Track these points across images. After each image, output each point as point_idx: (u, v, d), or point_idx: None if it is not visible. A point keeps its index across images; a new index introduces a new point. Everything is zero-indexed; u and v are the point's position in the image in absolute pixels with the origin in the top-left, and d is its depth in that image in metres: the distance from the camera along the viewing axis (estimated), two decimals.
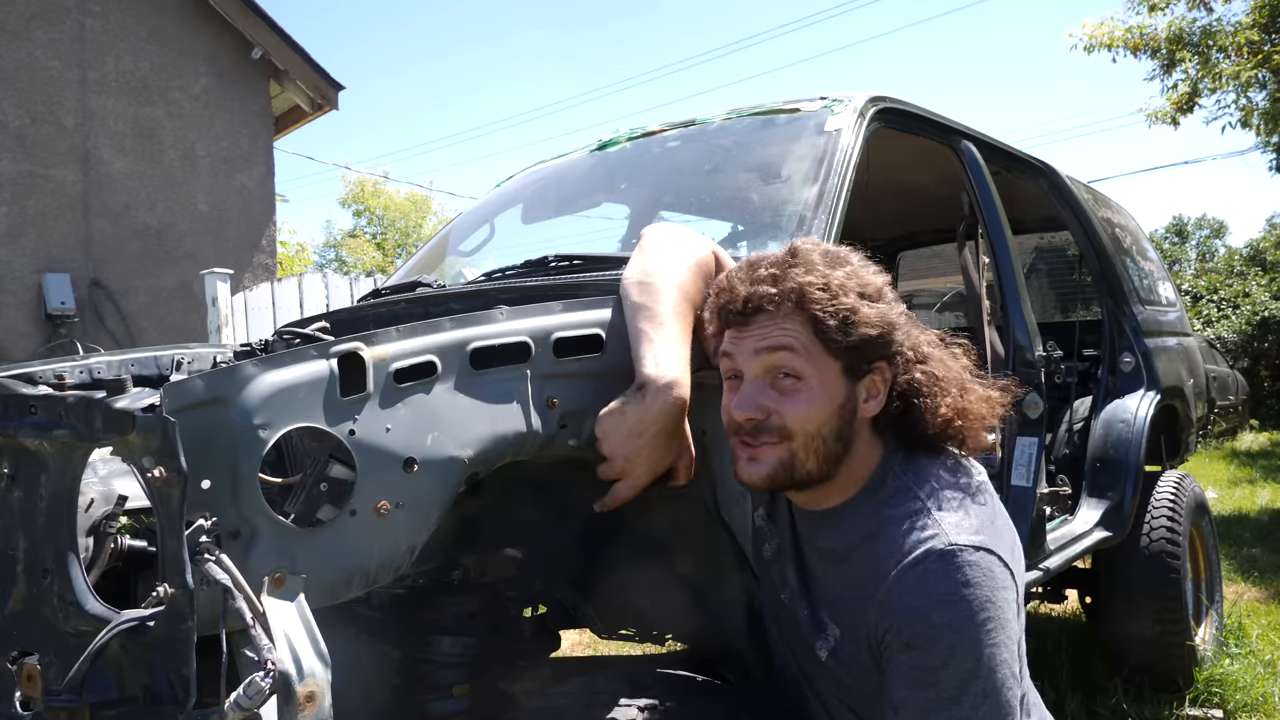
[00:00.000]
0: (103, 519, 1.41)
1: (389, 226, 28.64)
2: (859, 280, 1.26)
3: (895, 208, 3.68)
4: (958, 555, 1.15)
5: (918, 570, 1.16)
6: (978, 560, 1.16)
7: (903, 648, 1.16)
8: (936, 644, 1.14)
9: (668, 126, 2.48)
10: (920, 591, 1.15)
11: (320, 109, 8.63)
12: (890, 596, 1.17)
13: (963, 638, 1.13)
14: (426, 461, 1.14)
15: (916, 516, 1.21)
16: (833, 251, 1.30)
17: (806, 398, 1.23)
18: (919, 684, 1.15)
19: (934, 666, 1.14)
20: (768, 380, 1.24)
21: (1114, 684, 2.93)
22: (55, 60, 7.03)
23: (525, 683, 1.65)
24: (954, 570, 1.15)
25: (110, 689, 1.02)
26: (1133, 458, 2.82)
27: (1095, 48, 8.11)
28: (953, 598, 1.14)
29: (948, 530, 1.18)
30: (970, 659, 1.13)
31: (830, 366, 1.24)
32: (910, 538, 1.19)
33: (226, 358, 1.91)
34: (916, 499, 1.23)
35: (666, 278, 1.43)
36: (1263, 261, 16.46)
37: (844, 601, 1.28)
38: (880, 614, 1.18)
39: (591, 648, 3.48)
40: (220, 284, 6.40)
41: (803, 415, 1.23)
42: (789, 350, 1.23)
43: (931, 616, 1.14)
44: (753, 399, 1.25)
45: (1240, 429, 11.57)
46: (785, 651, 1.43)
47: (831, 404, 1.24)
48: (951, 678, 1.13)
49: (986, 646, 1.14)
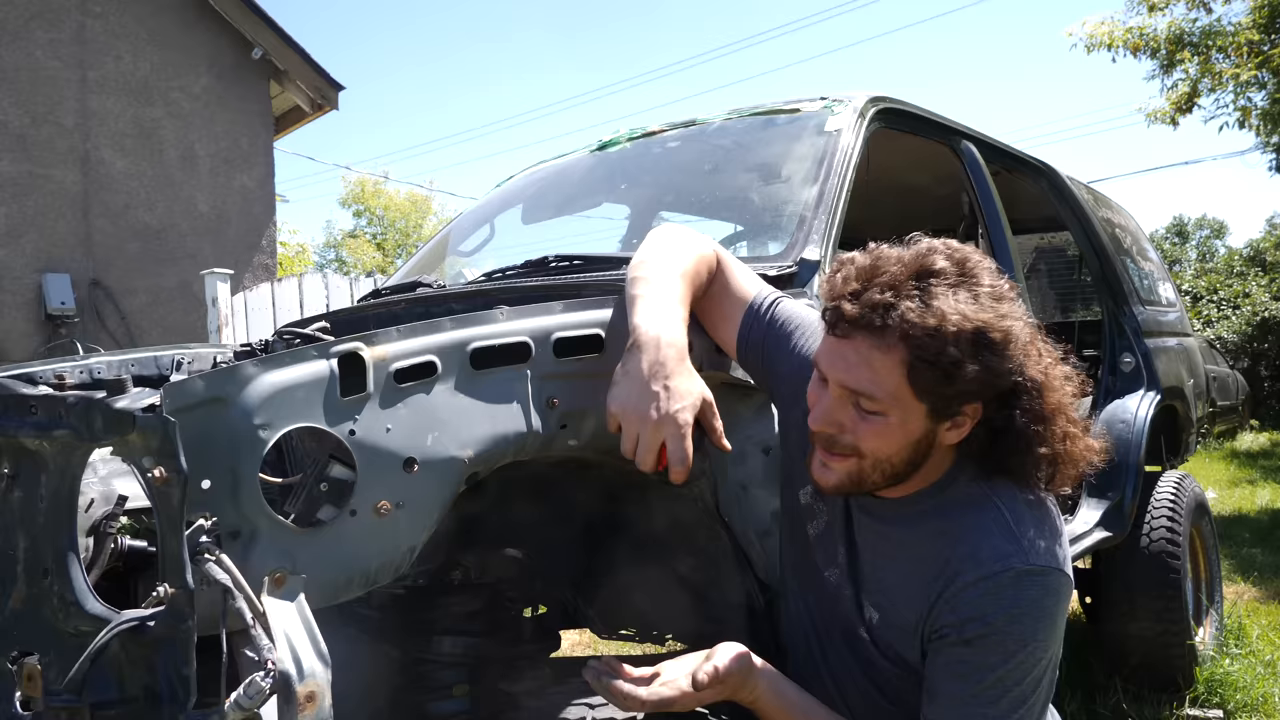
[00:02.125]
0: (103, 519, 1.41)
1: (389, 227, 28.65)
2: (978, 324, 1.13)
3: (895, 208, 3.67)
4: (1036, 576, 1.19)
5: (996, 581, 1.19)
6: (1049, 582, 1.20)
7: (960, 643, 1.20)
8: (995, 647, 1.18)
9: (668, 126, 2.48)
10: (994, 600, 1.18)
11: (320, 109, 8.64)
12: (961, 597, 1.20)
13: (1020, 648, 1.18)
14: (427, 461, 1.14)
15: (996, 527, 1.22)
16: (967, 270, 1.17)
17: (883, 430, 1.19)
18: (964, 678, 1.20)
19: (985, 666, 1.19)
20: (850, 399, 1.21)
21: (1114, 684, 2.93)
22: (55, 60, 7.03)
23: (525, 683, 1.65)
24: (1028, 588, 1.19)
25: (110, 689, 1.02)
26: (1133, 458, 2.82)
27: (1095, 47, 8.10)
28: (1023, 612, 1.18)
29: (1028, 549, 1.20)
30: (1020, 668, 1.19)
31: (914, 409, 1.18)
32: (991, 549, 1.20)
33: (226, 358, 1.91)
34: (995, 509, 1.23)
35: (665, 260, 1.42)
36: (1263, 262, 16.45)
37: (893, 589, 1.30)
38: (943, 610, 1.22)
39: (591, 648, 3.48)
40: (220, 284, 6.40)
41: (876, 443, 1.20)
42: (872, 398, 1.18)
43: (997, 623, 1.18)
44: (830, 415, 1.22)
45: (1240, 429, 11.57)
46: (811, 631, 1.44)
47: (908, 439, 1.21)
48: (998, 680, 1.18)
49: (1037, 660, 1.19)
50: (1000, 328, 1.14)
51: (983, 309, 1.14)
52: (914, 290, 1.14)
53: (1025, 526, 1.22)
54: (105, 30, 7.30)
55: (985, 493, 1.25)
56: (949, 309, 1.12)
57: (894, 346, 1.14)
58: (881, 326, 1.14)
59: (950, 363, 1.12)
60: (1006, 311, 1.17)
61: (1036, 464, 1.22)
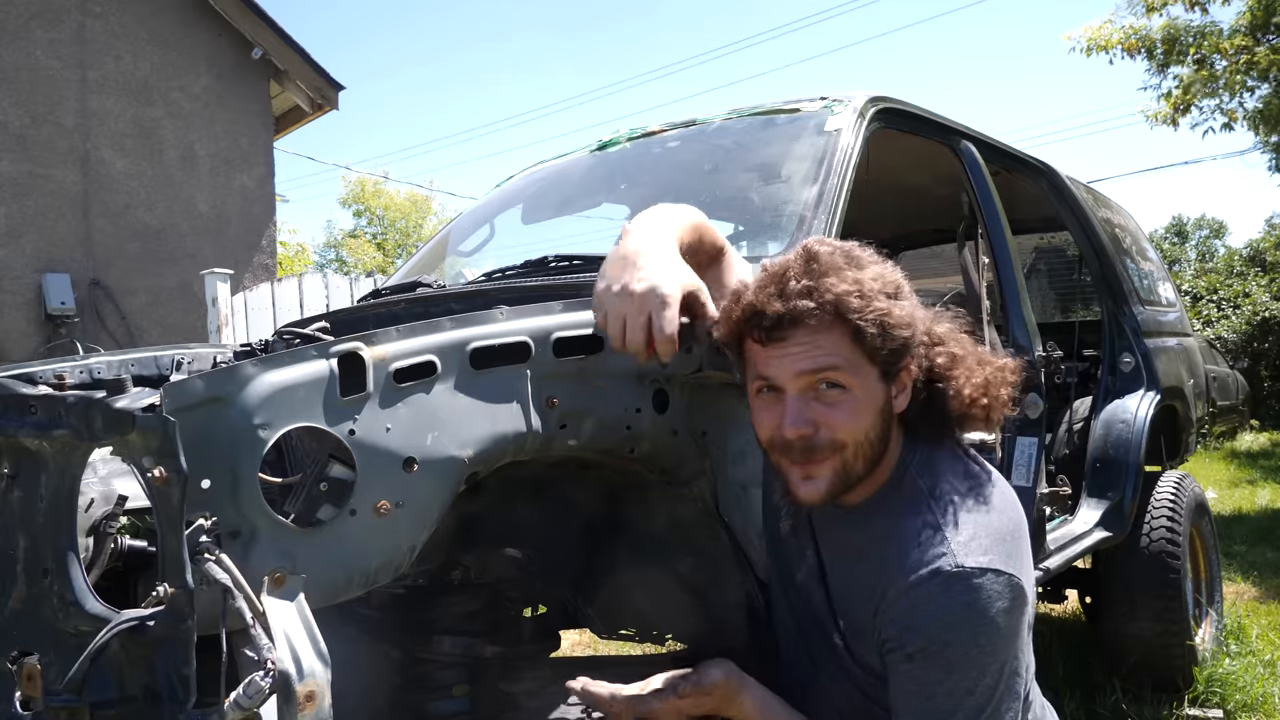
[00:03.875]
0: (103, 519, 1.41)
1: (389, 227, 28.64)
2: (884, 280, 1.24)
3: (895, 208, 3.68)
4: (964, 578, 1.16)
5: (924, 588, 1.17)
6: (984, 583, 1.17)
7: (904, 659, 1.18)
8: (936, 660, 1.16)
9: (668, 126, 2.48)
10: (925, 609, 1.17)
11: (320, 109, 8.63)
12: (895, 608, 1.19)
13: (962, 657, 1.16)
14: (426, 461, 1.14)
15: (927, 530, 1.21)
16: (848, 251, 1.27)
17: (853, 407, 1.22)
18: (916, 695, 1.18)
19: (932, 681, 1.17)
20: (811, 394, 1.22)
21: (1113, 684, 2.93)
22: (55, 60, 7.03)
23: (525, 683, 1.65)
24: (959, 592, 1.16)
25: (110, 689, 1.02)
26: (1133, 458, 2.82)
27: (1094, 50, 8.14)
28: (955, 619, 1.16)
29: (956, 550, 1.18)
30: (968, 677, 1.16)
31: (870, 373, 1.22)
32: (919, 553, 1.19)
33: (226, 358, 1.91)
34: (930, 510, 1.23)
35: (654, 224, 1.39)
36: (1262, 262, 16.43)
37: (853, 597, 1.30)
38: (884, 621, 1.21)
39: (591, 648, 3.48)
40: (220, 284, 6.40)
41: (851, 424, 1.22)
42: (835, 368, 1.21)
43: (932, 633, 1.16)
44: (802, 415, 1.22)
45: (1240, 429, 11.56)
46: (795, 632, 1.43)
47: (874, 409, 1.24)
48: (948, 693, 1.16)
49: (986, 666, 1.16)
50: (896, 279, 1.26)
51: (878, 269, 1.25)
52: (824, 272, 1.22)
53: (959, 526, 1.21)
54: (105, 30, 7.30)
55: (923, 490, 1.26)
56: (858, 275, 1.22)
57: (833, 321, 1.20)
58: (816, 307, 1.19)
59: (883, 314, 1.20)
60: (894, 272, 1.27)
61: (972, 402, 1.28)
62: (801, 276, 1.22)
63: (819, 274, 1.21)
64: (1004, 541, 1.23)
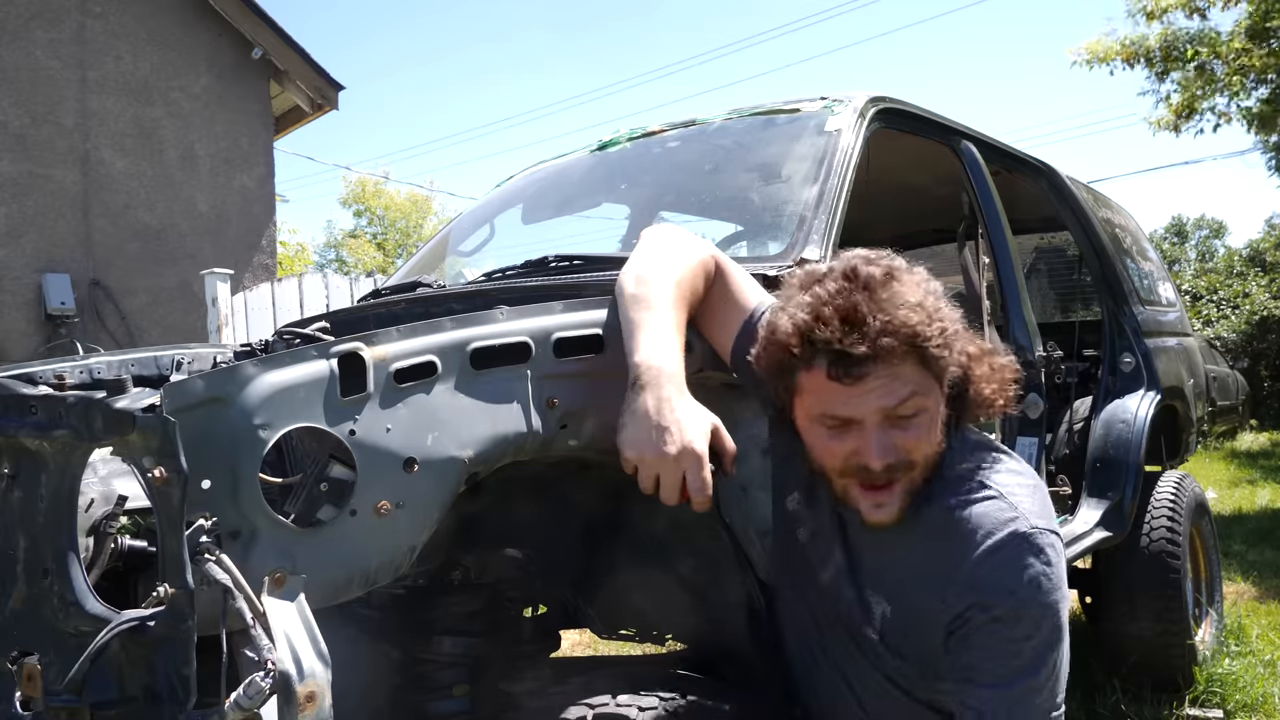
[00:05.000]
0: (103, 519, 1.41)
1: (389, 227, 28.65)
2: (926, 290, 1.26)
3: (895, 208, 3.67)
4: (1038, 537, 1.24)
5: (1005, 551, 1.23)
6: (1053, 542, 1.25)
7: (989, 621, 1.23)
8: (1023, 618, 1.22)
9: (668, 126, 2.48)
10: (1008, 570, 1.23)
11: (320, 109, 8.64)
12: (977, 575, 1.24)
13: (1046, 613, 1.23)
14: (427, 461, 1.14)
15: (989, 502, 1.27)
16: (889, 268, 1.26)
17: (927, 425, 1.26)
18: (1003, 655, 1.23)
19: (1019, 638, 1.22)
20: (888, 423, 1.25)
21: (1113, 684, 2.93)
22: (55, 60, 7.03)
23: (525, 683, 1.65)
24: (1037, 551, 1.24)
25: (110, 689, 1.02)
26: (1133, 458, 2.82)
27: (1095, 62, 8.21)
28: (1037, 576, 1.23)
29: (1027, 514, 1.26)
30: (1050, 631, 1.23)
31: (936, 389, 1.27)
32: (990, 523, 1.25)
33: (226, 358, 1.91)
34: (983, 487, 1.29)
35: (663, 276, 1.41)
36: (1262, 262, 16.44)
37: (896, 584, 1.33)
38: (962, 592, 1.24)
39: (591, 648, 3.48)
40: (220, 284, 6.40)
41: (926, 443, 1.27)
42: (913, 395, 1.24)
43: (1019, 593, 1.22)
44: (888, 445, 1.25)
45: (1240, 429, 11.56)
46: (814, 632, 1.45)
47: (940, 420, 1.28)
48: (1034, 649, 1.23)
49: (1061, 620, 1.25)
50: (931, 283, 1.27)
51: (918, 280, 1.26)
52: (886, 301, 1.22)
53: (1016, 495, 1.28)
54: (105, 30, 7.30)
55: (965, 474, 1.31)
56: (911, 295, 1.23)
57: (908, 351, 1.21)
58: (899, 344, 1.20)
59: (948, 334, 1.24)
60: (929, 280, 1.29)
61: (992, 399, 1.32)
62: (875, 312, 1.21)
63: (889, 306, 1.21)
64: (1049, 507, 1.31)
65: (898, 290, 1.23)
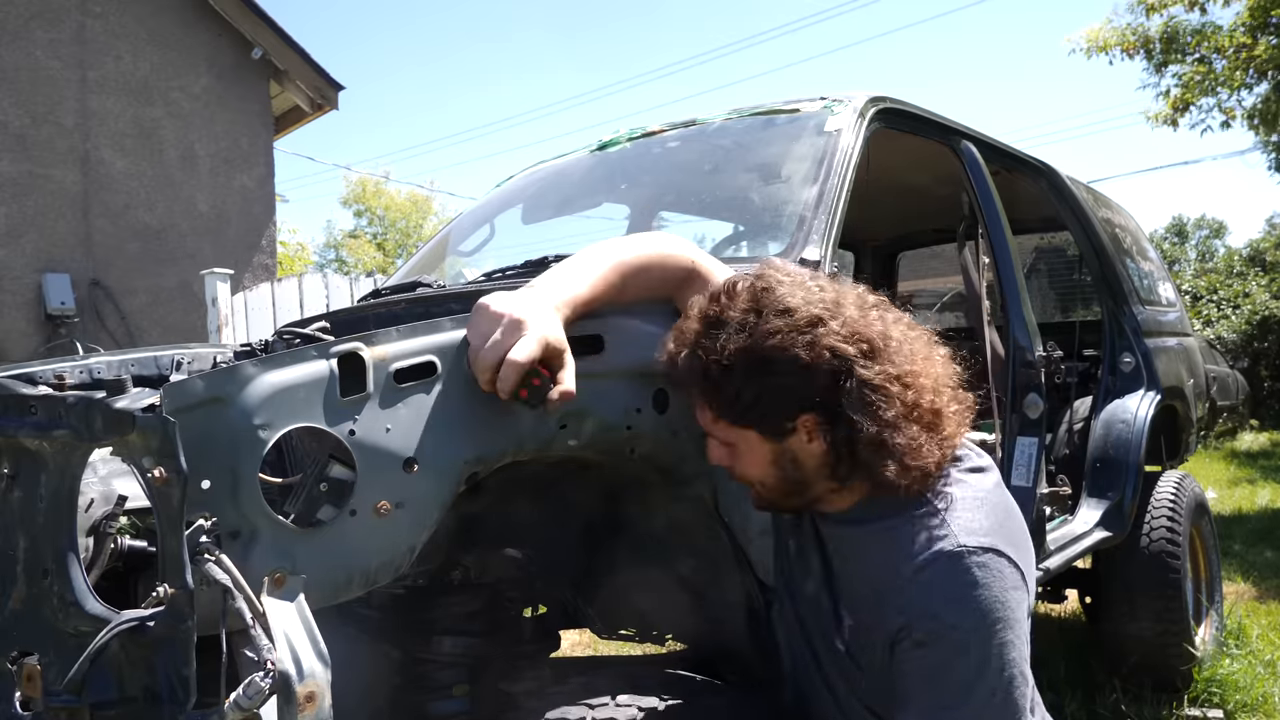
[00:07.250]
0: (103, 519, 1.41)
1: (389, 227, 28.66)
2: (761, 347, 1.18)
3: (895, 208, 3.68)
4: (966, 556, 1.18)
5: (928, 571, 1.18)
6: (986, 561, 1.18)
7: (914, 645, 1.19)
8: (945, 642, 1.16)
9: (668, 126, 2.47)
10: (931, 592, 1.18)
11: (320, 109, 8.63)
12: (904, 596, 1.20)
13: (972, 637, 1.16)
14: (426, 461, 1.14)
15: (927, 518, 1.23)
16: (761, 295, 1.22)
17: (744, 455, 1.29)
18: (929, 681, 1.18)
19: (943, 664, 1.17)
20: (711, 436, 1.33)
21: (1113, 684, 2.93)
22: (55, 60, 7.03)
23: (525, 683, 1.65)
24: (963, 571, 1.17)
25: (110, 689, 1.02)
26: (1133, 458, 2.82)
27: (1093, 51, 8.16)
28: (962, 598, 1.17)
29: (957, 532, 1.20)
30: (979, 658, 1.16)
31: (742, 434, 1.26)
32: (921, 539, 1.21)
33: (226, 358, 1.91)
34: (926, 500, 1.25)
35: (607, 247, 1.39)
36: (1262, 262, 16.43)
37: (860, 598, 1.31)
38: (895, 613, 1.21)
39: (591, 648, 3.48)
40: (220, 284, 6.40)
41: (749, 469, 1.30)
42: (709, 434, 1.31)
43: (942, 616, 1.17)
44: (713, 455, 1.34)
45: (1240, 429, 11.56)
46: (802, 642, 1.44)
47: (764, 461, 1.28)
48: (960, 676, 1.16)
49: (995, 646, 1.16)
50: (766, 348, 1.18)
51: (771, 327, 1.18)
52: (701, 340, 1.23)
53: (956, 510, 1.22)
54: (105, 30, 7.30)
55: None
56: (731, 340, 1.20)
57: (692, 390, 1.27)
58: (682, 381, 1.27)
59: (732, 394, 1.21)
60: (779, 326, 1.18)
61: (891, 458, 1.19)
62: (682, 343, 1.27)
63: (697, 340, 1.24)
64: (1002, 525, 1.24)
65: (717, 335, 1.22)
